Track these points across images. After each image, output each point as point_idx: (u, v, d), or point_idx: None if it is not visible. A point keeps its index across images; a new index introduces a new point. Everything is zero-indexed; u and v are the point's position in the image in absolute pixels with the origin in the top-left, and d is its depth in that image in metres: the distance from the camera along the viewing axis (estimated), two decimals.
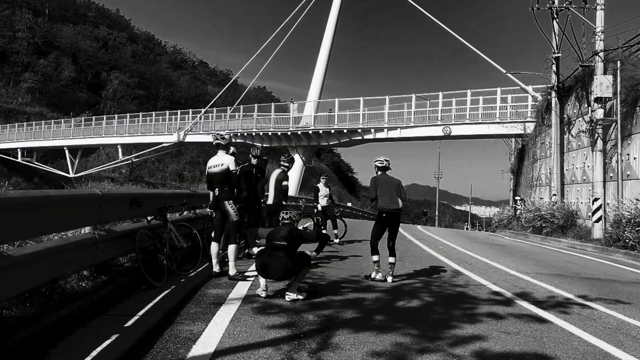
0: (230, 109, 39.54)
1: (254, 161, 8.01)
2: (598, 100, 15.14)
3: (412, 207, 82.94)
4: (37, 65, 70.78)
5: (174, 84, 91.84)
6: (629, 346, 4.28)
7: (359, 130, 31.91)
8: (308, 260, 5.48)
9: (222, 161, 6.36)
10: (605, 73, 15.16)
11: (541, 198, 20.88)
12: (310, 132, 33.79)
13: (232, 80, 54.71)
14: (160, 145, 43.25)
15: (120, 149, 46.58)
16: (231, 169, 6.30)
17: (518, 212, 21.99)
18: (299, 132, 34.00)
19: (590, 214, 15.78)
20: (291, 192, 25.57)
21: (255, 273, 5.67)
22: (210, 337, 3.86)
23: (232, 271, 6.20)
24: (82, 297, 4.68)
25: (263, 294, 5.28)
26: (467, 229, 56.72)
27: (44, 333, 3.80)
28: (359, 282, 6.51)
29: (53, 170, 53.00)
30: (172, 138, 40.94)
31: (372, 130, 31.36)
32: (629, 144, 14.44)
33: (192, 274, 6.49)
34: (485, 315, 5.02)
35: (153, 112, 46.40)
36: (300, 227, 7.71)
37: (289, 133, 34.49)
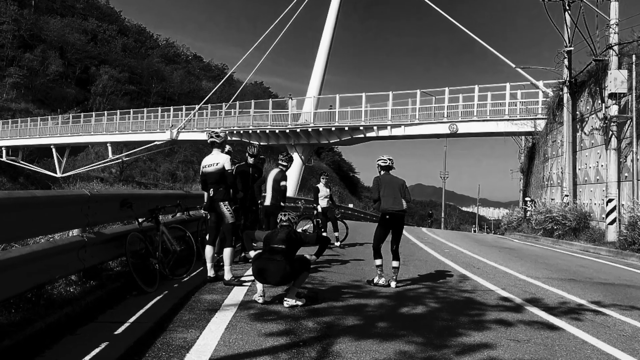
0: (225, 105, 39.57)
1: (250, 160, 8.02)
2: (612, 96, 15.15)
3: (416, 209, 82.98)
4: (23, 59, 70.76)
5: (167, 79, 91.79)
6: None
7: (361, 128, 31.94)
8: (307, 265, 5.48)
9: (217, 160, 6.36)
10: (619, 68, 15.16)
11: (552, 199, 20.89)
12: (309, 129, 33.82)
13: (227, 75, 54.82)
14: (152, 144, 43.27)
15: (110, 148, 46.60)
16: (227, 168, 6.30)
17: (528, 213, 21.99)
18: (298, 130, 34.02)
19: (604, 215, 15.79)
20: (290, 192, 25.58)
21: (252, 278, 5.68)
22: (205, 345, 3.86)
23: (227, 276, 6.20)
24: (70, 303, 4.68)
25: (260, 300, 5.28)
26: (474, 231, 56.74)
27: (30, 341, 3.80)
28: (361, 288, 6.52)
29: (39, 169, 53.03)
30: (165, 136, 40.96)
31: (375, 127, 31.38)
32: None
33: (185, 279, 6.49)
34: (493, 322, 5.02)
35: (144, 109, 46.43)
36: (299, 230, 7.71)
37: (287, 131, 34.52)
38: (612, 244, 14.48)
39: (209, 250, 6.46)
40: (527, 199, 23.61)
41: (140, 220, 6.35)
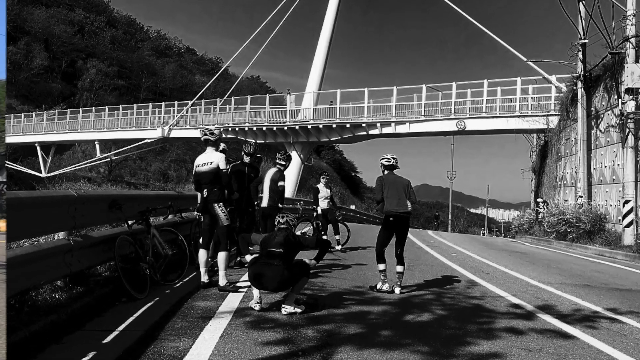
0: (220, 101, 39.56)
1: (246, 159, 8.02)
2: (629, 91, 15.15)
3: (422, 210, 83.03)
4: (6, 52, 70.70)
5: (158, 73, 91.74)
6: None
7: (364, 125, 31.93)
8: (307, 270, 5.48)
9: (211, 159, 6.37)
10: (637, 61, 15.16)
11: (566, 200, 20.89)
12: (309, 126, 33.82)
13: (222, 70, 54.78)
14: (142, 142, 43.28)
15: (97, 146, 46.59)
16: (221, 167, 6.31)
17: (540, 215, 21.99)
18: (297, 127, 34.02)
19: (620, 217, 15.79)
20: (288, 193, 25.59)
21: (248, 283, 5.68)
22: (198, 355, 3.86)
23: (222, 281, 6.20)
24: (56, 310, 4.68)
25: (257, 307, 5.28)
26: (483, 234, 56.75)
27: (13, 350, 3.80)
28: (363, 294, 6.52)
29: (23, 169, 53.00)
30: (156, 133, 40.96)
31: (378, 124, 31.39)
32: None
33: (177, 285, 6.50)
34: (503, 331, 5.03)
35: (134, 105, 46.45)
36: (298, 233, 7.72)
37: (285, 128, 34.53)
38: (628, 248, 14.48)
39: (202, 255, 6.46)
40: (539, 200, 23.61)
41: (130, 222, 6.35)
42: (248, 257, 5.68)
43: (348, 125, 32.51)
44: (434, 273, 8.70)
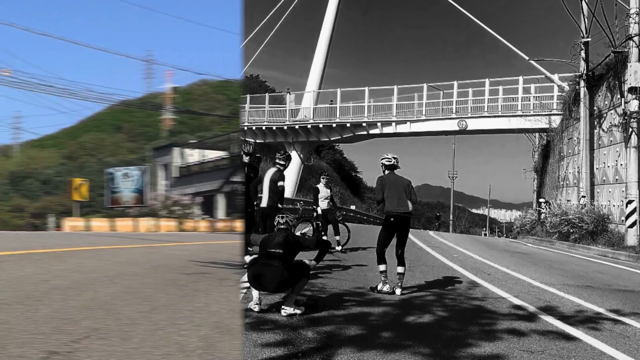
0: None
1: (246, 159, 8.02)
2: (632, 90, 15.15)
3: (423, 211, 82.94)
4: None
5: None
6: None
7: (364, 124, 31.97)
8: (307, 270, 5.48)
9: None
10: None
11: (568, 200, 20.89)
12: (309, 126, 33.85)
13: None
14: None
15: None
16: None
17: (542, 216, 22.00)
18: (297, 126, 34.05)
19: (623, 218, 15.79)
20: (288, 193, 25.60)
21: (248, 284, 5.68)
22: None
23: None
24: None
25: (256, 308, 5.27)
26: (485, 235, 56.76)
27: None
28: (363, 295, 6.51)
29: None
30: None
31: (379, 124, 31.43)
32: None
33: None
34: (505, 332, 5.02)
35: None
36: (298, 233, 7.72)
37: (285, 127, 34.56)
38: (632, 249, 14.48)
39: None
40: (541, 200, 23.63)
41: None
42: (247, 258, 5.68)
43: (348, 125, 32.55)
44: (435, 274, 8.69)
